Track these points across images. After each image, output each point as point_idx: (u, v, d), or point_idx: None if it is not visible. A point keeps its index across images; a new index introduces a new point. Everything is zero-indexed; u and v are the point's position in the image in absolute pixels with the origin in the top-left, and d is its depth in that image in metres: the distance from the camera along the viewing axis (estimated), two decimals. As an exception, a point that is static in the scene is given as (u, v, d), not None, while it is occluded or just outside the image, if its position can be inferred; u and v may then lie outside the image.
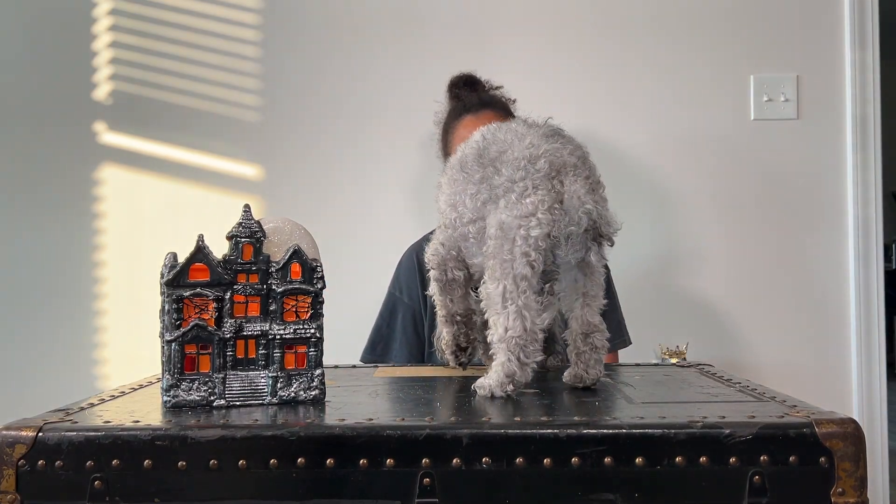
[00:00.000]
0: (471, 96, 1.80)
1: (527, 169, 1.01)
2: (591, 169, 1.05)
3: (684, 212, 2.13)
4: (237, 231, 0.98)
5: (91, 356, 2.12)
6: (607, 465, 0.82)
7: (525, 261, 0.99)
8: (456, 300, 1.19)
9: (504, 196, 1.02)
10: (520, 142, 1.05)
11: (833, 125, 2.11)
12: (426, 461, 0.82)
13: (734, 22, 2.12)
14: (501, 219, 1.01)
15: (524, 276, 0.99)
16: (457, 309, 1.19)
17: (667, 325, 2.08)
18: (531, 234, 0.99)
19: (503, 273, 1.00)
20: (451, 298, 1.19)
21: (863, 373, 2.08)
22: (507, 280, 1.00)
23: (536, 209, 0.99)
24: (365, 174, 2.13)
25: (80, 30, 2.14)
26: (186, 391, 0.95)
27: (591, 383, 1.07)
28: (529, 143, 1.04)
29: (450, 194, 1.13)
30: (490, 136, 1.10)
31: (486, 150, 1.09)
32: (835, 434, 0.82)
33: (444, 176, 1.17)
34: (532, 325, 1.00)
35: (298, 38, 2.14)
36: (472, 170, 1.09)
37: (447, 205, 1.14)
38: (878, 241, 2.09)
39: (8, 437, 0.84)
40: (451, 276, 1.17)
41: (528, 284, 0.99)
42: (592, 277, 1.07)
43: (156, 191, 2.12)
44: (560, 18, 2.14)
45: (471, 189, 1.09)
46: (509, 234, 1.00)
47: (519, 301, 0.99)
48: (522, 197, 1.00)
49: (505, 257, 1.00)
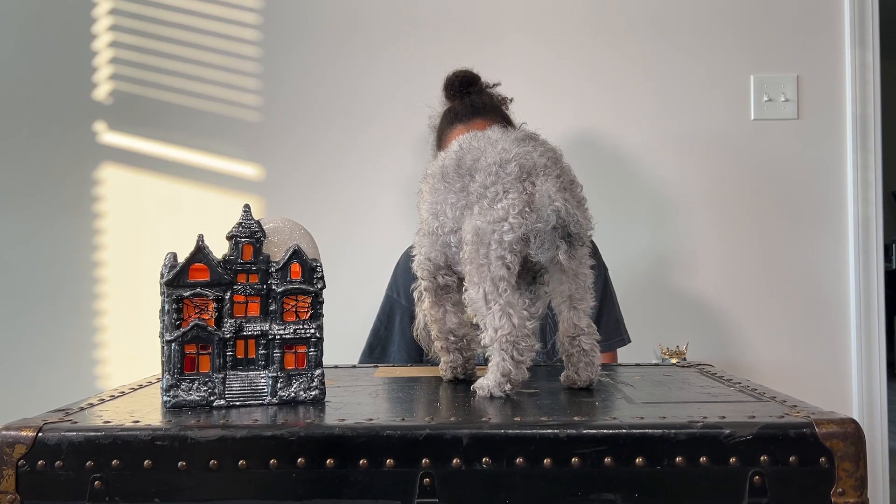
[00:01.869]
0: (462, 103, 1.77)
1: (497, 174, 1.02)
2: (562, 169, 1.05)
3: (684, 212, 2.13)
4: (237, 231, 0.98)
5: (91, 356, 2.12)
6: (607, 465, 0.82)
7: (500, 263, 1.00)
8: (449, 312, 1.16)
9: (478, 202, 1.03)
10: (493, 148, 1.06)
11: (833, 125, 2.11)
12: (426, 461, 0.82)
13: (734, 22, 2.12)
14: (476, 224, 1.02)
15: (502, 277, 1.00)
16: (451, 325, 1.16)
17: (666, 325, 2.08)
18: (504, 239, 1.00)
19: (481, 277, 1.01)
20: (444, 310, 1.16)
21: (863, 373, 2.08)
22: (486, 283, 1.01)
23: (508, 213, 1.00)
24: (365, 174, 2.13)
25: (80, 30, 2.14)
26: (186, 391, 0.95)
27: (583, 385, 1.08)
28: (501, 148, 1.05)
29: (431, 203, 1.13)
30: (466, 144, 1.11)
31: (462, 159, 1.09)
32: (835, 434, 0.82)
33: (424, 183, 1.16)
34: (520, 320, 1.00)
35: (298, 38, 2.14)
36: (452, 179, 1.10)
37: (429, 213, 1.14)
38: (878, 241, 2.10)
39: (8, 437, 0.84)
40: (443, 283, 1.15)
41: (506, 284, 1.00)
42: (577, 280, 1.06)
43: (156, 191, 2.12)
44: (559, 19, 2.14)
45: (451, 199, 1.09)
46: (484, 239, 1.01)
47: (500, 300, 1.00)
48: (494, 202, 1.01)
49: (481, 262, 1.01)
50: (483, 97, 1.80)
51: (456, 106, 1.79)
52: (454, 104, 1.79)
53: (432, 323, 1.18)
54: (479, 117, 1.74)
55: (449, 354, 1.17)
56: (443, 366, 1.19)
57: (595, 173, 2.13)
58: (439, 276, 1.15)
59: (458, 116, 1.76)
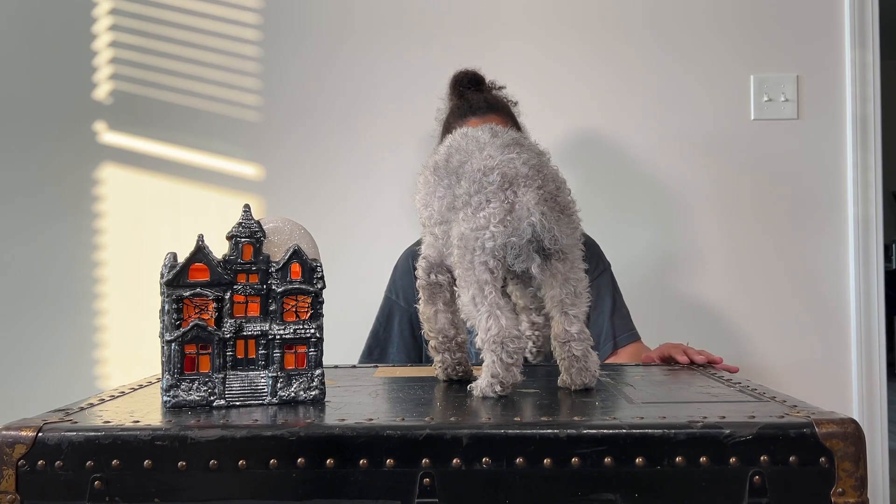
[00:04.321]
0: (477, 97, 1.75)
1: (481, 182, 1.04)
2: (544, 178, 1.04)
3: (684, 212, 2.13)
4: (237, 231, 0.98)
5: (91, 356, 2.12)
6: (607, 465, 0.82)
7: (484, 268, 1.03)
8: (440, 311, 1.17)
9: (463, 209, 1.05)
10: (479, 153, 1.07)
11: (833, 125, 2.11)
12: (426, 461, 0.82)
13: (734, 22, 2.12)
14: (461, 231, 1.05)
15: (486, 281, 1.02)
16: (441, 324, 1.16)
17: (667, 326, 2.08)
18: (486, 246, 1.02)
19: (467, 281, 1.04)
20: (435, 309, 1.17)
21: (863, 373, 2.08)
22: (473, 287, 1.03)
23: (489, 222, 1.02)
24: (365, 174, 2.13)
25: (80, 30, 2.14)
26: (186, 391, 0.95)
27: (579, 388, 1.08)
28: (487, 154, 1.06)
29: (424, 194, 1.16)
30: (456, 143, 1.13)
31: (451, 157, 1.11)
32: (835, 434, 0.82)
33: (420, 175, 1.18)
34: (507, 321, 1.01)
35: (298, 38, 2.14)
36: (441, 174, 1.12)
37: (421, 204, 1.17)
38: (878, 241, 2.10)
39: (8, 437, 0.84)
40: (435, 280, 1.17)
41: (491, 287, 1.02)
42: (567, 286, 1.07)
43: (156, 191, 2.12)
44: (559, 19, 2.14)
45: (439, 192, 1.12)
46: (469, 245, 1.03)
47: (486, 302, 1.02)
48: (477, 210, 1.03)
49: (466, 267, 1.04)
50: (495, 96, 1.79)
51: (470, 98, 1.75)
52: (467, 97, 1.76)
53: (424, 321, 1.19)
54: (493, 113, 1.72)
55: (438, 354, 1.18)
56: (435, 365, 1.20)
57: (594, 173, 2.13)
58: (433, 273, 1.17)
59: (472, 109, 1.73)
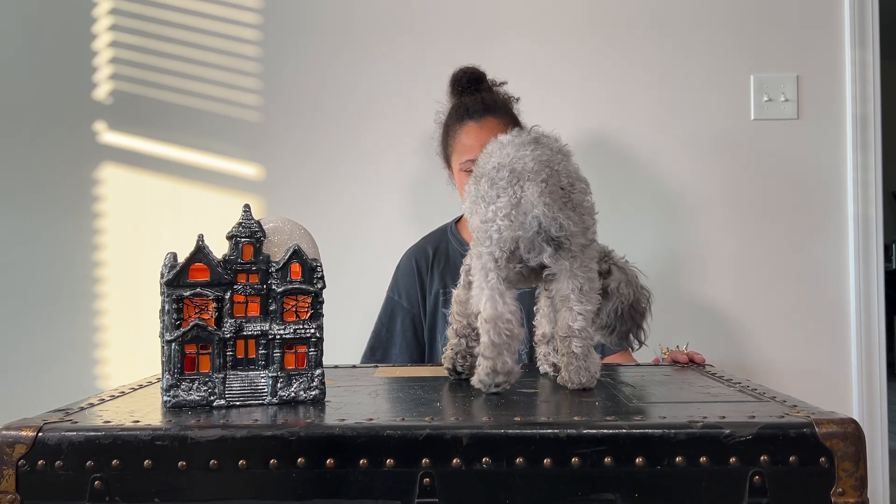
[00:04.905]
0: (474, 99, 1.75)
1: (494, 178, 1.08)
2: (552, 172, 1.07)
3: (683, 212, 2.13)
4: (237, 231, 0.98)
5: (91, 356, 2.12)
6: (607, 465, 0.82)
7: (490, 257, 1.07)
8: None
9: (481, 203, 1.10)
10: (499, 152, 1.12)
11: (833, 125, 2.11)
12: (426, 461, 0.82)
13: (734, 22, 2.12)
14: (475, 223, 1.10)
15: (490, 269, 1.07)
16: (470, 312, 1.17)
17: (667, 326, 2.07)
18: (493, 237, 1.07)
19: (476, 269, 1.09)
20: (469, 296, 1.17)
21: (863, 373, 2.08)
22: (479, 274, 1.08)
23: (496, 215, 1.06)
24: (365, 174, 2.13)
25: (80, 30, 2.14)
26: (186, 391, 0.95)
27: (576, 387, 1.08)
28: (505, 153, 1.10)
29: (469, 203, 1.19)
30: (488, 149, 1.17)
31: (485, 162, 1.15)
32: (835, 434, 0.82)
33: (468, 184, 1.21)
34: (504, 306, 1.06)
35: (298, 38, 2.14)
36: (475, 178, 1.16)
37: (467, 212, 1.20)
38: (878, 241, 2.09)
39: (8, 437, 0.84)
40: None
41: (495, 274, 1.07)
42: (574, 281, 1.09)
43: (156, 191, 2.12)
44: (560, 19, 2.14)
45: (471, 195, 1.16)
46: (479, 237, 1.09)
47: (487, 287, 1.07)
48: (489, 204, 1.08)
49: (476, 256, 1.09)
50: (493, 94, 1.78)
51: (466, 101, 1.75)
52: (463, 100, 1.76)
53: (455, 303, 1.22)
54: (490, 115, 1.72)
55: (455, 338, 1.21)
56: (447, 348, 1.22)
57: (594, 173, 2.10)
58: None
59: (469, 113, 1.73)
